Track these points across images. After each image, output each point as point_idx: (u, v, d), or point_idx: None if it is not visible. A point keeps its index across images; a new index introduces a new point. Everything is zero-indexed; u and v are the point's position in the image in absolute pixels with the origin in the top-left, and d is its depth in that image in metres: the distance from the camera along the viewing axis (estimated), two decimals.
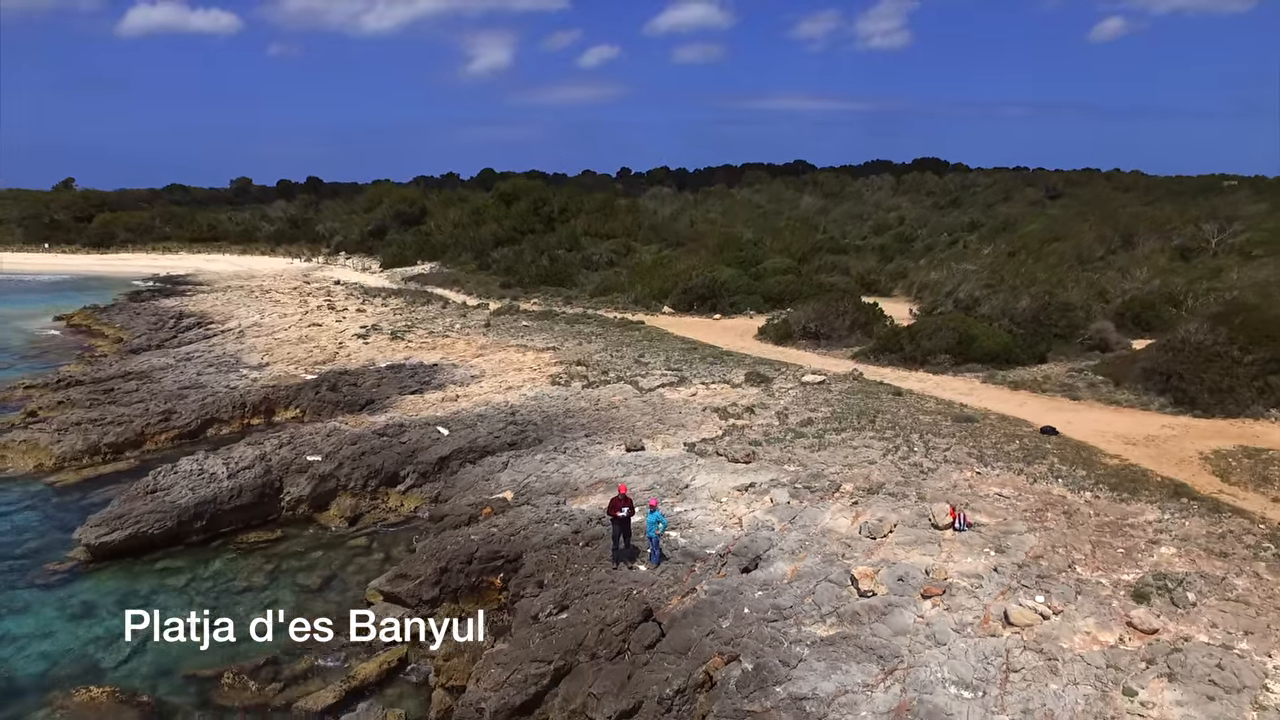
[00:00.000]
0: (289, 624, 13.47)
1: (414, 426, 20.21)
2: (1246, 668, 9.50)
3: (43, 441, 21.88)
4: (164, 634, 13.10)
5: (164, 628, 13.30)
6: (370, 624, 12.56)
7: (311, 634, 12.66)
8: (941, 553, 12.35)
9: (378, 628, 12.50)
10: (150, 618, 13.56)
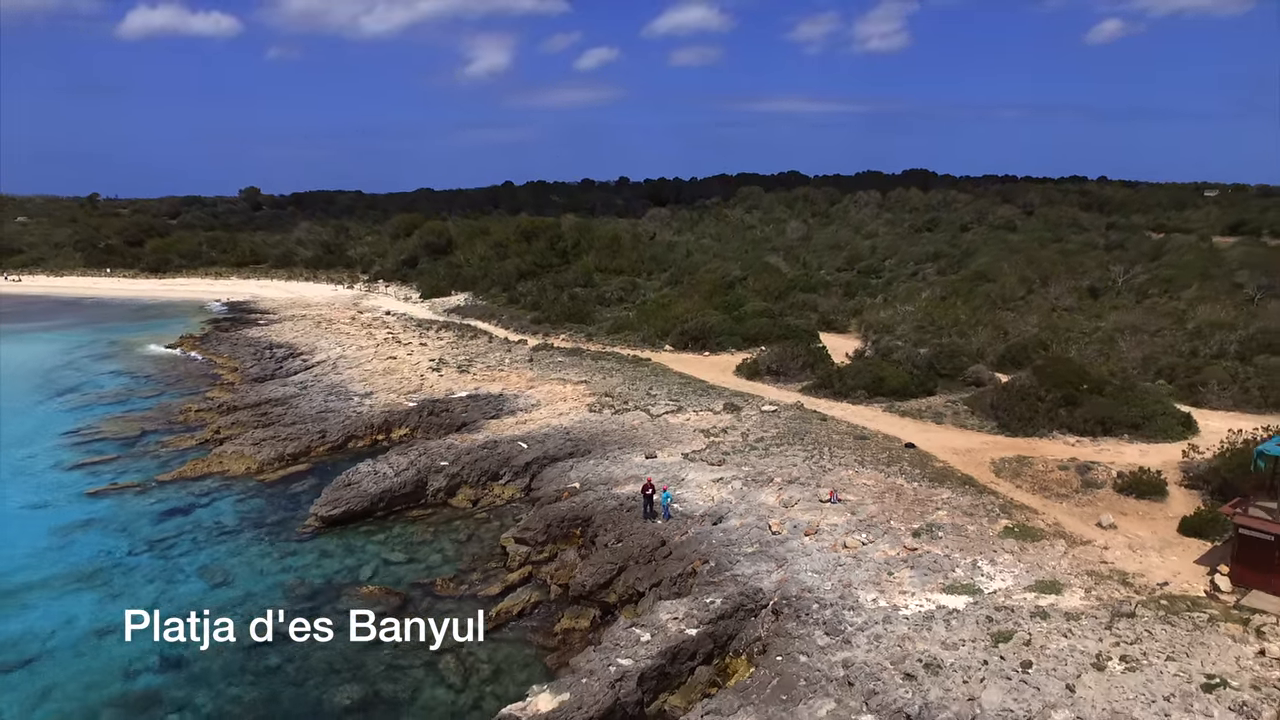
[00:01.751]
0: (456, 560, 23.91)
1: (503, 442, 30.57)
2: (950, 565, 19.83)
3: (246, 452, 32.23)
4: (389, 565, 23.57)
5: (386, 561, 23.81)
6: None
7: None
8: (820, 514, 22.69)
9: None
10: (377, 555, 24.08)
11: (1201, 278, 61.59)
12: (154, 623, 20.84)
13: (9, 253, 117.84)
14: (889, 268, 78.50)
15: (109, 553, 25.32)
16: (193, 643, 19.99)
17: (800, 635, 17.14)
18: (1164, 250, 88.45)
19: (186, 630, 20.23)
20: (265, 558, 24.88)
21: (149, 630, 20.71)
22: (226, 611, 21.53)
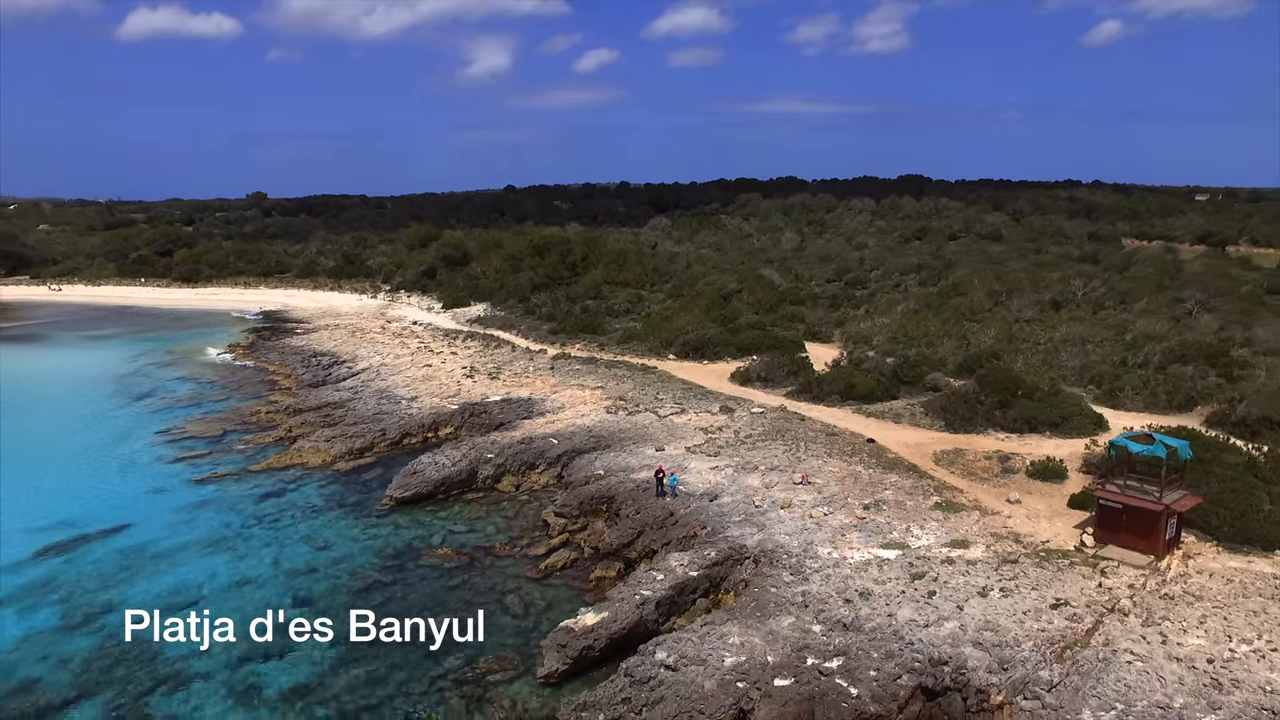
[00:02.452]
0: (508, 530, 30.32)
1: (536, 438, 36.94)
2: (889, 529, 26.19)
3: (320, 447, 38.63)
4: (454, 534, 29.97)
5: (451, 531, 30.23)
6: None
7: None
8: (793, 493, 29.06)
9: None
10: (443, 527, 30.50)
11: (1156, 289, 68.03)
12: (278, 575, 27.42)
13: (46, 263, 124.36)
14: (874, 279, 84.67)
15: (227, 525, 31.71)
16: (313, 590, 26.46)
17: (772, 576, 23.50)
18: (1132, 261, 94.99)
19: (308, 580, 26.76)
20: (353, 529, 31.26)
21: (277, 579, 27.25)
22: (333, 566, 28.00)
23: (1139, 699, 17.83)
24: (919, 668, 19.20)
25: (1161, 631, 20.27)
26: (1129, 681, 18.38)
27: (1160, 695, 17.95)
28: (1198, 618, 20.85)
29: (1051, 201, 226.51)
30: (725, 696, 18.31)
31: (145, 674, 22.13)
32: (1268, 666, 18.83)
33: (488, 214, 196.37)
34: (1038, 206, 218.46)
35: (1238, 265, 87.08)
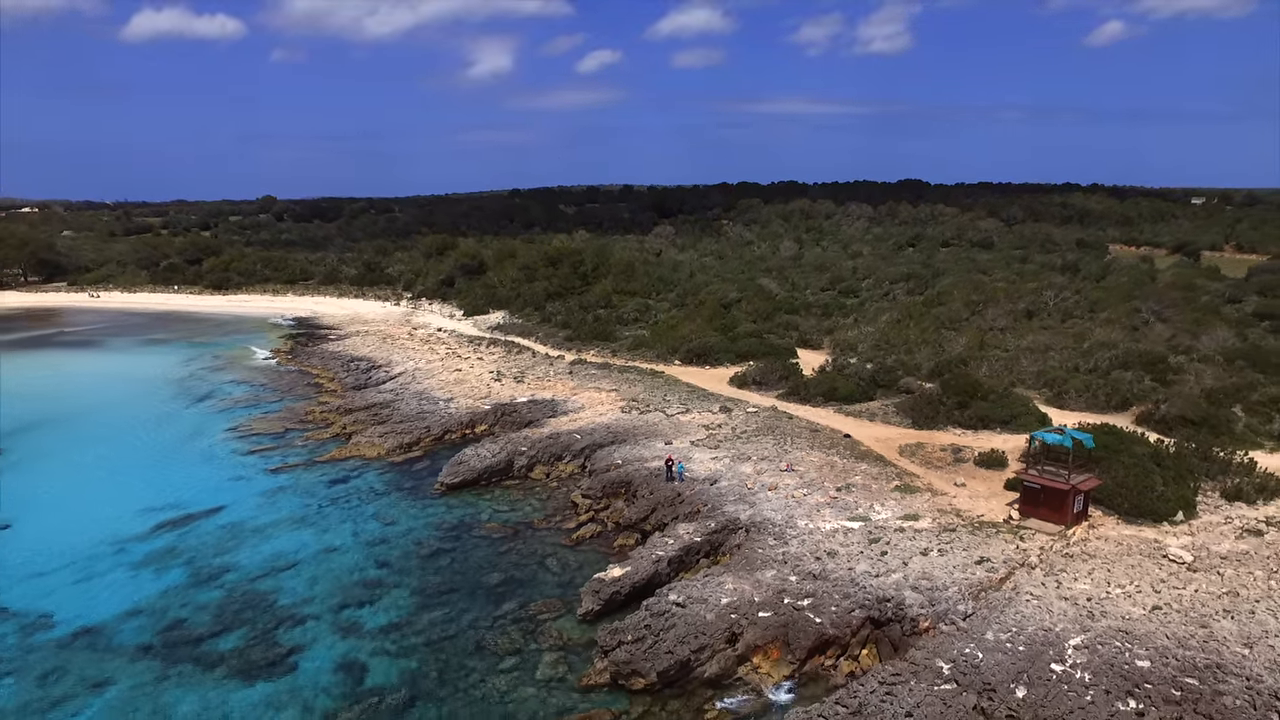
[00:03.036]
0: (543, 509, 36.45)
1: (562, 434, 43.07)
2: (855, 506, 32.29)
3: (375, 442, 44.80)
4: (498, 512, 36.14)
5: (496, 510, 36.41)
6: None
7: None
8: (779, 479, 35.19)
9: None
10: (489, 506, 36.66)
11: (1123, 299, 73.92)
12: (357, 544, 33.59)
13: (79, 270, 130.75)
14: (865, 288, 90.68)
15: (306, 506, 37.87)
16: (389, 555, 32.63)
17: (759, 541, 29.60)
18: (1110, 271, 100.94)
19: (382, 548, 32.95)
20: (412, 508, 37.42)
21: (357, 547, 33.41)
22: (402, 537, 34.17)
23: (1029, 624, 23.93)
24: (869, 605, 25.30)
25: (1057, 580, 26.38)
26: (1025, 613, 24.48)
27: (1046, 622, 24.04)
28: (1087, 570, 26.95)
29: (1045, 207, 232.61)
30: (721, 624, 24.41)
31: (268, 616, 28.27)
32: (1131, 603, 24.93)
33: (496, 220, 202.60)
34: (1032, 212, 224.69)
35: (1205, 275, 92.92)
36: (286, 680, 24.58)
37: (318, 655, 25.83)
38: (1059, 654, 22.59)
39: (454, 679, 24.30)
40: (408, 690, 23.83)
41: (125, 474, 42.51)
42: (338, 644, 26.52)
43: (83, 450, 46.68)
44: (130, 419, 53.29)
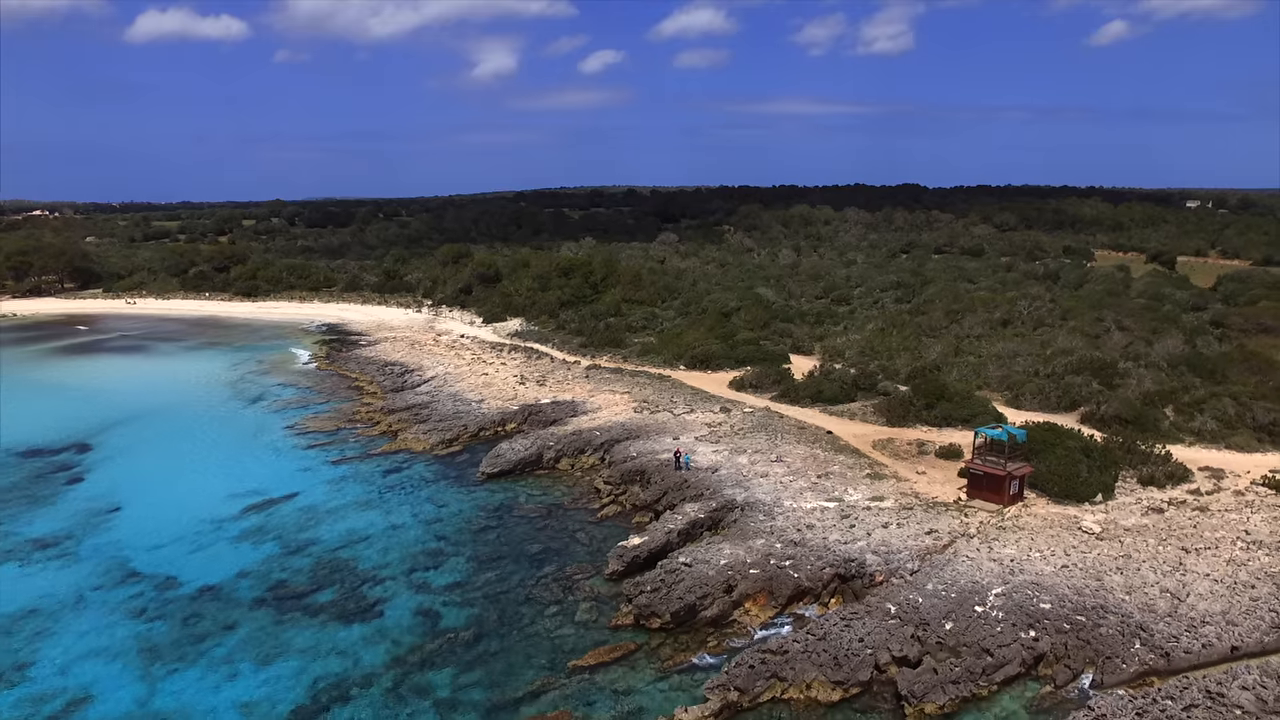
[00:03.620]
0: (570, 494, 43.10)
1: (584, 431, 49.70)
2: (833, 490, 38.91)
3: (420, 438, 51.45)
4: (533, 496, 42.80)
5: (531, 494, 43.10)
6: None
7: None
8: (770, 468, 41.81)
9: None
10: (524, 491, 43.36)
11: (1091, 308, 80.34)
12: (416, 522, 40.23)
13: (112, 278, 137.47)
14: (857, 296, 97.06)
15: (368, 491, 44.51)
16: (445, 531, 39.28)
17: (752, 517, 36.21)
18: (1087, 279, 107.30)
19: (438, 525, 39.62)
20: (459, 493, 44.06)
21: (417, 524, 40.05)
22: (453, 516, 40.82)
23: (962, 579, 30.52)
24: (837, 564, 31.91)
25: (989, 546, 32.98)
26: (960, 570, 31.08)
27: (975, 577, 30.63)
28: (1015, 539, 33.56)
29: (1038, 214, 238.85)
30: (720, 578, 31.01)
31: (352, 577, 34.91)
32: (1044, 563, 31.51)
33: (504, 226, 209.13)
34: (1024, 219, 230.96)
35: (1175, 284, 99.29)
36: (376, 623, 31.21)
37: (398, 605, 32.48)
38: (982, 599, 29.19)
39: (509, 622, 30.93)
40: (474, 630, 30.46)
41: (206, 465, 49.22)
42: (413, 597, 33.16)
43: (162, 446, 53.39)
44: (196, 418, 59.99)
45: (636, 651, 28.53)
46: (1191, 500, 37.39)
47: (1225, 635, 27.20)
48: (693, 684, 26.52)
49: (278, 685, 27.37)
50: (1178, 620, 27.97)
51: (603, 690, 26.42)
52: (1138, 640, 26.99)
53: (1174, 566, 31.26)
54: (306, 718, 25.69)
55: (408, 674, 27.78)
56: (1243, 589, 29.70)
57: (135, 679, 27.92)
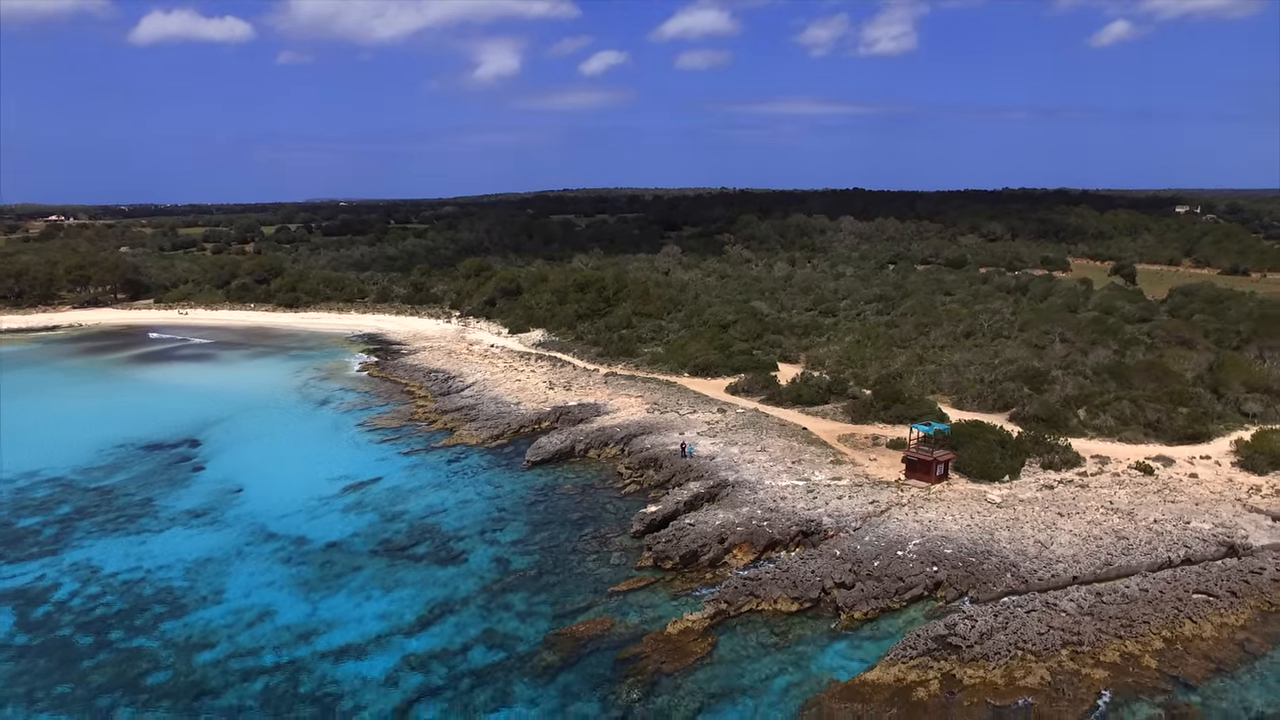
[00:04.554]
0: (599, 476, 54.71)
1: (607, 428, 61.25)
2: (802, 472, 50.42)
3: (473, 433, 63.07)
4: (570, 479, 54.41)
5: (569, 478, 54.75)
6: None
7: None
8: (756, 456, 53.34)
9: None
10: (564, 475, 54.99)
11: (1046, 320, 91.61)
12: (479, 498, 51.83)
13: (160, 289, 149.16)
14: (842, 308, 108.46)
15: (437, 476, 56.04)
16: (504, 504, 50.86)
17: (740, 492, 47.69)
18: (1052, 292, 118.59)
19: (497, 500, 51.21)
20: (511, 477, 55.58)
21: (480, 500, 51.65)
22: (508, 495, 52.39)
23: (891, 533, 41.96)
24: (800, 523, 43.40)
25: (915, 512, 44.45)
26: (890, 528, 42.54)
27: (901, 532, 42.08)
28: (935, 507, 45.04)
29: (1023, 223, 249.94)
30: (715, 534, 42.49)
31: (439, 536, 46.42)
32: (954, 523, 42.96)
33: (517, 236, 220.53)
34: (1010, 228, 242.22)
35: (1128, 297, 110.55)
36: (464, 566, 42.74)
37: (478, 554, 44.02)
38: (903, 546, 40.68)
39: (561, 565, 42.43)
40: (536, 570, 41.97)
41: (301, 456, 60.82)
42: (487, 549, 44.69)
43: (259, 440, 64.99)
44: (279, 417, 71.60)
45: (655, 583, 40.03)
46: (1077, 480, 48.87)
47: (1070, 569, 38.69)
48: (695, 604, 37.95)
49: (401, 603, 38.92)
50: (1040, 560, 39.46)
51: (632, 606, 37.93)
52: (1009, 573, 38.47)
53: (1048, 526, 42.77)
54: (427, 623, 37.19)
55: (493, 597, 39.32)
56: (1092, 540, 41.21)
57: (299, 601, 39.47)
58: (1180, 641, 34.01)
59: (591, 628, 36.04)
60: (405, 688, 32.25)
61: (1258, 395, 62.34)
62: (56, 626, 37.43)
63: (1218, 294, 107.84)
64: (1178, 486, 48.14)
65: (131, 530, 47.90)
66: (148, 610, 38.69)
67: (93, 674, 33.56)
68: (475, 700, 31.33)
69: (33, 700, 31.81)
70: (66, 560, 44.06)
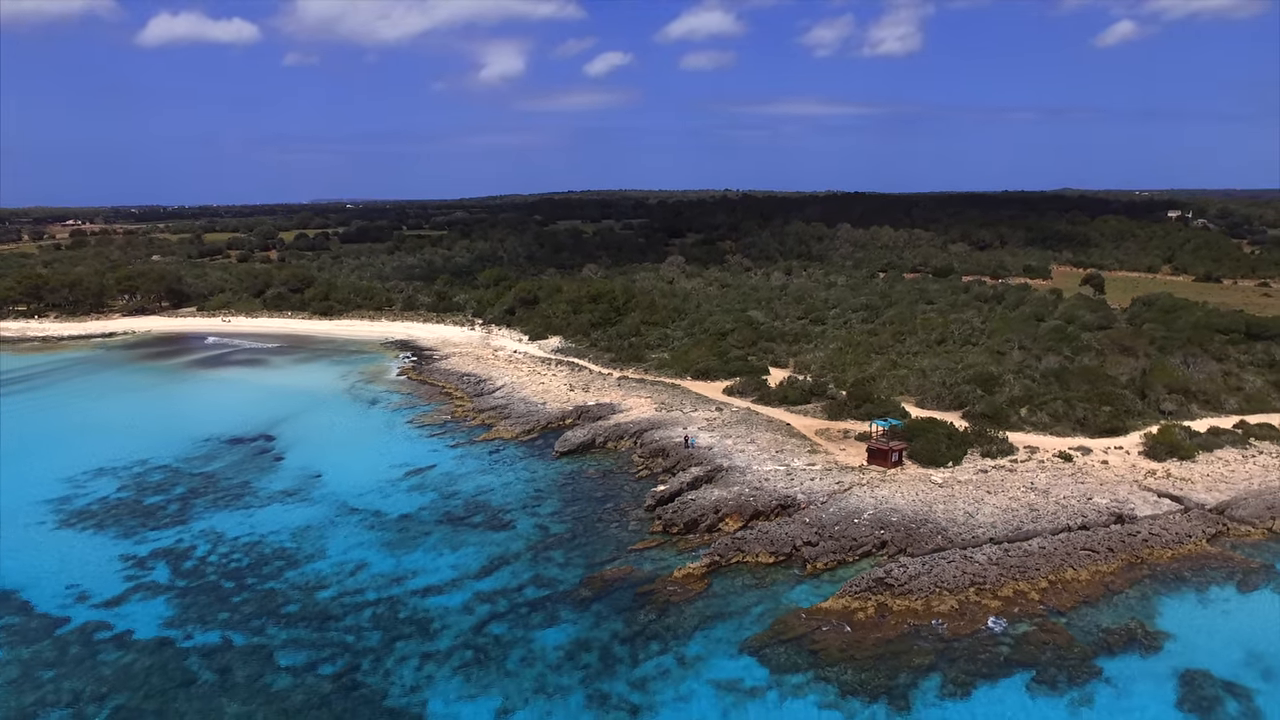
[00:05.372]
0: (617, 463, 65.97)
1: (622, 424, 72.48)
2: (784, 459, 61.58)
3: (509, 429, 74.40)
4: (594, 465, 65.67)
5: (592, 465, 66.06)
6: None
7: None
8: (746, 447, 64.51)
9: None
10: (587, 463, 66.32)
11: (1010, 329, 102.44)
12: (518, 481, 63.14)
13: (200, 298, 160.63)
14: (831, 317, 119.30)
15: (482, 463, 67.26)
16: (540, 485, 62.13)
17: (732, 475, 58.79)
18: (1023, 301, 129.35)
19: (534, 483, 62.53)
20: (543, 464, 66.78)
21: (519, 482, 62.95)
22: (542, 478, 63.66)
23: (852, 506, 53.07)
24: (779, 498, 54.52)
25: (872, 490, 55.55)
26: (851, 502, 53.65)
27: (859, 505, 53.20)
28: (888, 487, 56.13)
29: (1011, 230, 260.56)
30: (712, 506, 53.60)
31: (489, 510, 57.62)
32: (902, 499, 54.05)
33: (529, 245, 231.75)
34: (999, 235, 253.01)
35: (1091, 306, 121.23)
36: (512, 531, 53.92)
37: (523, 523, 55.19)
38: (859, 516, 51.78)
39: (589, 530, 53.57)
40: (570, 533, 53.13)
41: (365, 448, 72.10)
42: (529, 519, 55.86)
43: (324, 435, 76.28)
44: (337, 416, 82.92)
45: (664, 543, 51.20)
46: (1008, 466, 59.93)
47: (988, 533, 49.76)
48: (695, 557, 49.02)
49: (466, 557, 50.12)
50: (966, 526, 50.54)
51: (647, 559, 49.08)
52: (939, 535, 49.57)
53: (976, 501, 53.86)
54: (488, 571, 48.36)
55: (538, 553, 50.53)
56: (1009, 512, 52.28)
57: (386, 556, 50.68)
58: (1061, 583, 45.08)
59: (616, 573, 47.27)
60: (478, 614, 43.46)
61: (1176, 396, 73.30)
62: (204, 574, 48.77)
63: (1173, 303, 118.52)
64: (1089, 470, 59.19)
65: (239, 506, 59.24)
66: (270, 564, 49.99)
67: (242, 606, 44.83)
68: (531, 621, 42.55)
69: (205, 622, 43.09)
70: (195, 528, 55.39)
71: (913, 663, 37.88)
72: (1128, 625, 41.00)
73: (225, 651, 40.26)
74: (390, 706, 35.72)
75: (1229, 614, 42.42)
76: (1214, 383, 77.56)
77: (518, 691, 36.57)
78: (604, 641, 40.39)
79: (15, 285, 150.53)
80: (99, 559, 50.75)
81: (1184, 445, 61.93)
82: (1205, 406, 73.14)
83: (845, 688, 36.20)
